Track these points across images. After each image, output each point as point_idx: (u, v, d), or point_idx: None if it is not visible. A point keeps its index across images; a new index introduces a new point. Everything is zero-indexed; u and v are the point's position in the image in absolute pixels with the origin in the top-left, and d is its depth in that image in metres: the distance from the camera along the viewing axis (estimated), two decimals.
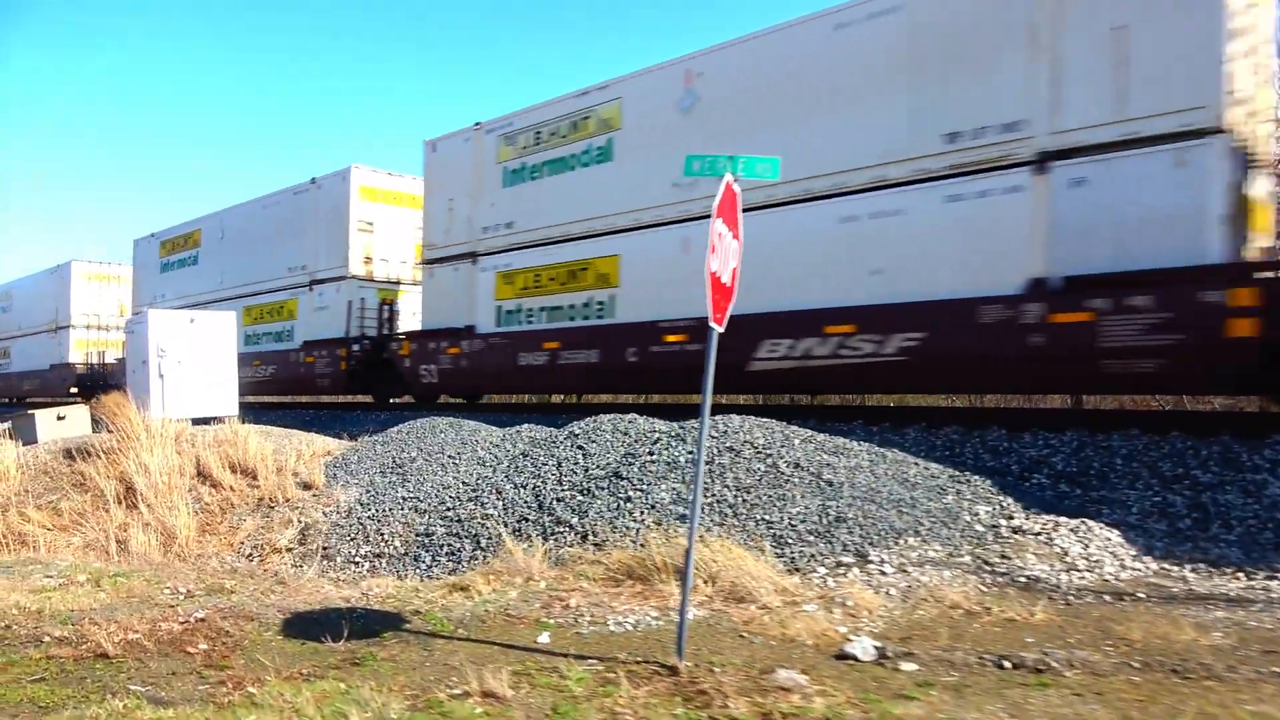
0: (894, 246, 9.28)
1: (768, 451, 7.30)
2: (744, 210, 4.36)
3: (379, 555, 8.29)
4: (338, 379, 17.21)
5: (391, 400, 17.73)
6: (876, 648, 4.20)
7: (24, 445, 12.29)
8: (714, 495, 6.89)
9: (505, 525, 7.79)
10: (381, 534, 8.56)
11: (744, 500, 6.75)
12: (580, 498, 7.45)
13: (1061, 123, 8.43)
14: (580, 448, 8.58)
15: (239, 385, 14.33)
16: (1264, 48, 8.29)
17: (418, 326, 17.00)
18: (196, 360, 13.89)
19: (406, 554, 8.10)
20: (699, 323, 10.17)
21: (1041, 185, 8.49)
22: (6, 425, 13.34)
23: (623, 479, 7.40)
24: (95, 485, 10.34)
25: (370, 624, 4.92)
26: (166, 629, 4.82)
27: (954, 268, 8.80)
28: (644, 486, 7.16)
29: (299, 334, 18.43)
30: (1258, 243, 8.02)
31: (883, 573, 5.66)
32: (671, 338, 10.14)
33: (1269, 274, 7.43)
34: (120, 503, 9.84)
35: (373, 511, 8.97)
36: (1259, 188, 8.07)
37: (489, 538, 7.72)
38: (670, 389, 12.59)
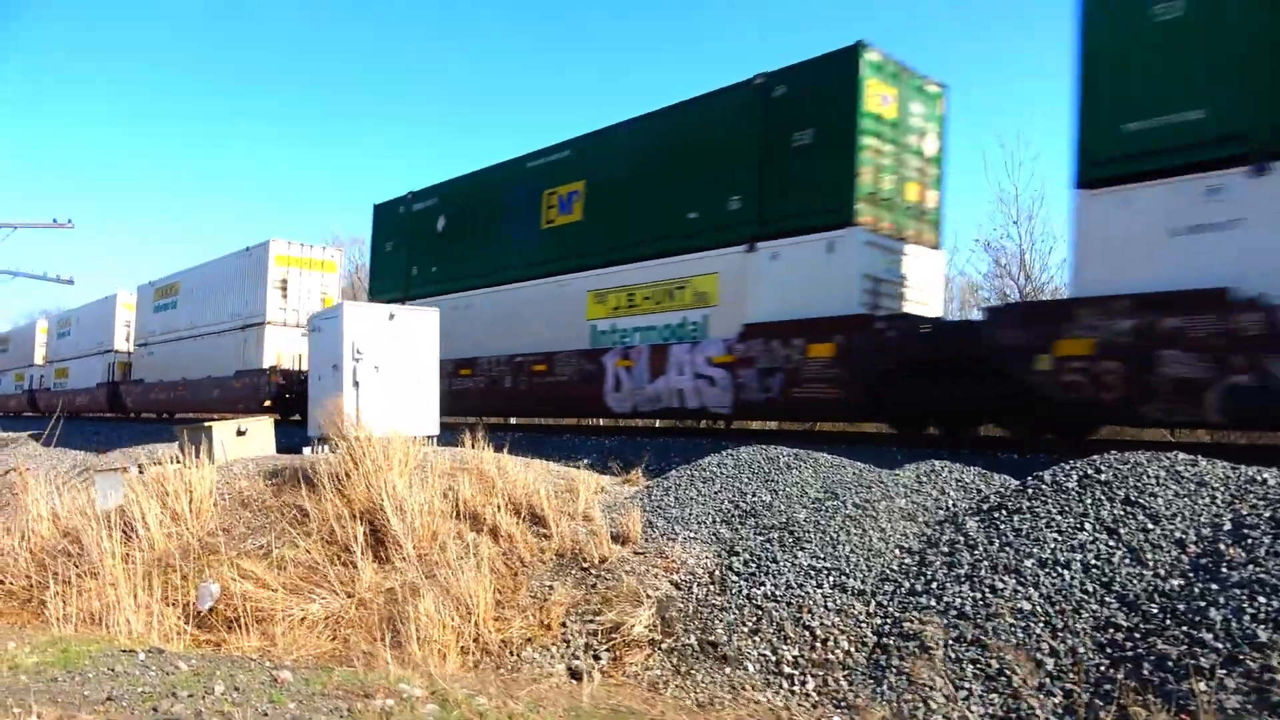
0: None
1: None
2: None
3: (821, 664, 5.21)
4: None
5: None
6: None
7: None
8: None
9: (1075, 633, 4.65)
10: (807, 627, 5.49)
11: None
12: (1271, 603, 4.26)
13: None
14: (1133, 504, 5.41)
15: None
16: None
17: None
18: (397, 365, 11.18)
19: (883, 667, 5.00)
20: None
21: None
22: (175, 442, 10.75)
23: None
24: (323, 525, 7.53)
25: None
26: None
27: None
28: None
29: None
30: None
31: None
32: None
33: None
34: (366, 553, 6.99)
35: (768, 587, 5.91)
36: None
37: (1058, 653, 4.59)
38: None
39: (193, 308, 23.00)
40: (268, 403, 18.41)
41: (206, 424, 10.39)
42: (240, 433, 10.39)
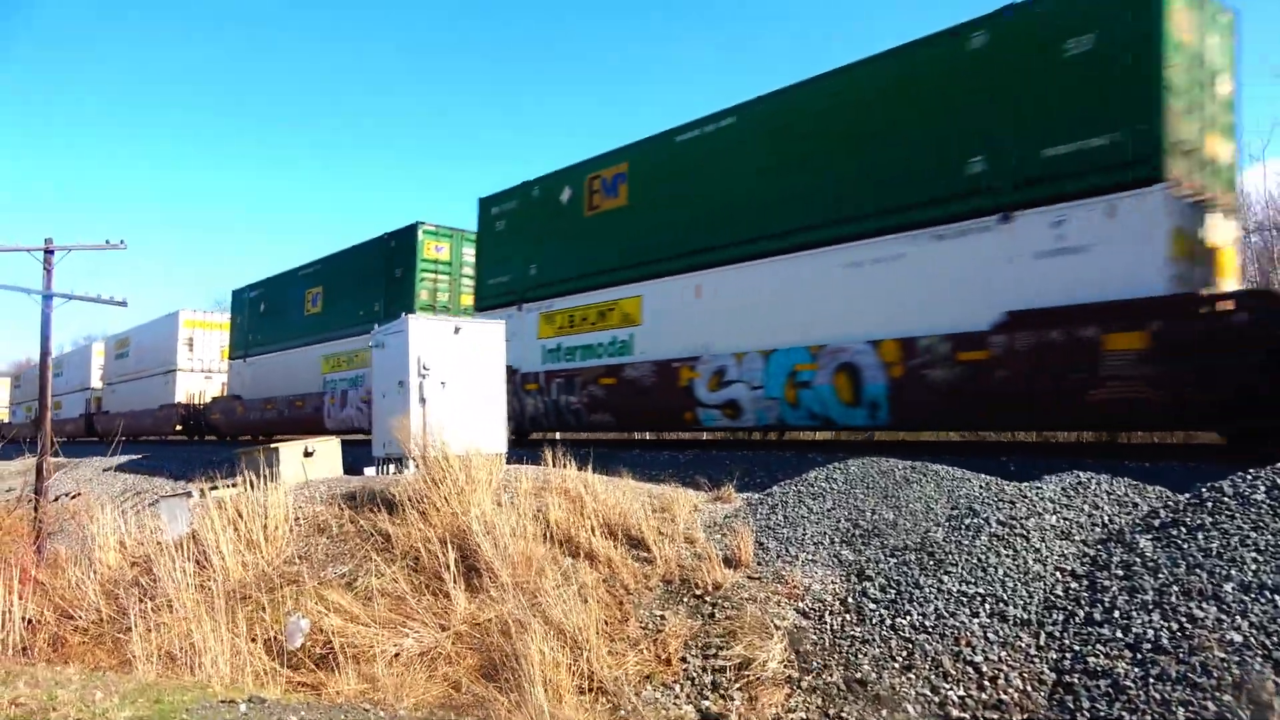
0: None
1: None
2: None
3: (994, 706, 4.60)
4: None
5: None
6: None
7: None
8: None
9: None
10: (970, 663, 4.88)
11: None
12: None
13: None
14: None
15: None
16: None
17: None
18: (462, 381, 10.73)
19: (1071, 710, 4.38)
20: None
21: None
22: (236, 464, 10.37)
23: None
24: (408, 551, 7.05)
25: None
26: None
27: None
28: None
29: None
30: None
31: None
32: None
33: None
34: (457, 581, 6.49)
35: (914, 616, 5.32)
36: None
37: None
38: None
39: (137, 357, 30.27)
40: (178, 426, 25.94)
41: (273, 445, 10.00)
42: (308, 453, 9.98)
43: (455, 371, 10.70)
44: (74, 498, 18.44)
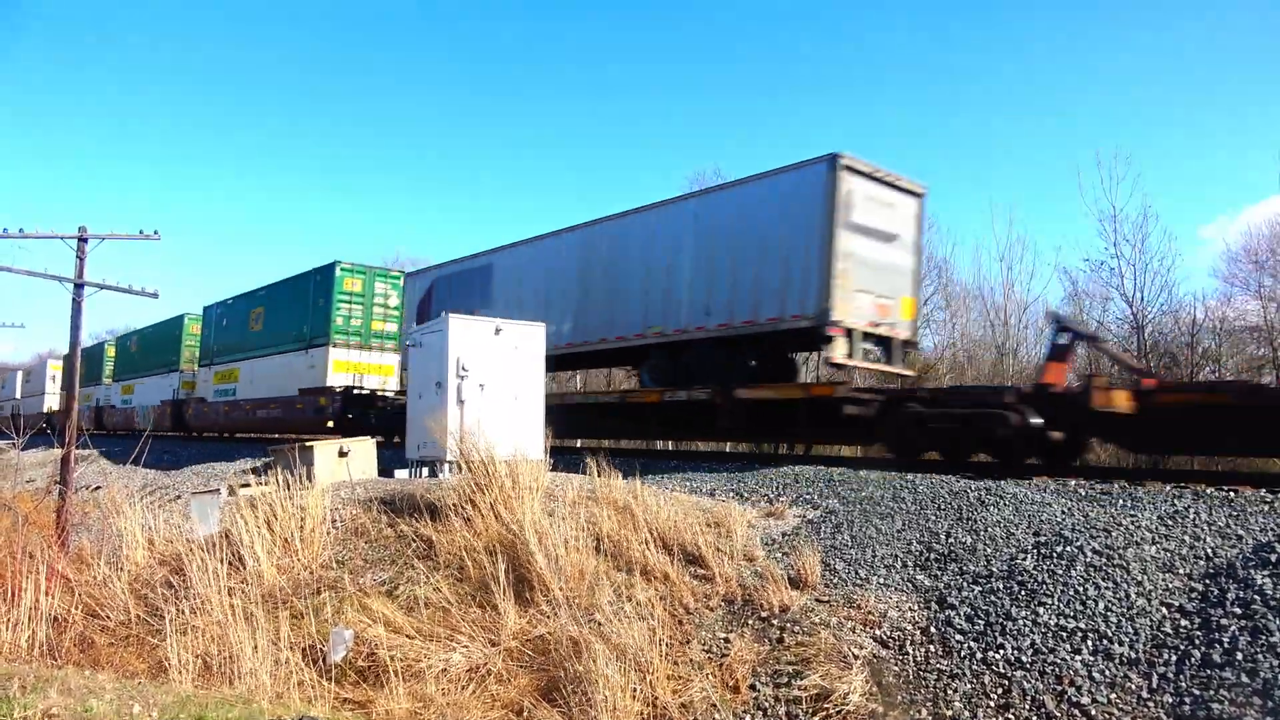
0: None
1: None
2: None
3: None
4: None
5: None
6: None
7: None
8: None
9: None
10: (1075, 704, 4.48)
11: None
12: None
13: None
14: None
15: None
16: None
17: None
18: (502, 383, 10.39)
19: None
20: None
21: None
22: (264, 462, 10.07)
23: None
24: (452, 558, 6.71)
25: None
26: None
27: None
28: None
29: None
30: None
31: None
32: None
33: None
34: (506, 593, 6.13)
35: (1008, 650, 4.92)
36: None
37: None
38: None
39: (33, 383, 45.86)
40: (45, 426, 35.97)
41: (308, 443, 9.69)
42: (342, 453, 9.67)
43: (495, 374, 10.36)
44: (94, 490, 18.26)
